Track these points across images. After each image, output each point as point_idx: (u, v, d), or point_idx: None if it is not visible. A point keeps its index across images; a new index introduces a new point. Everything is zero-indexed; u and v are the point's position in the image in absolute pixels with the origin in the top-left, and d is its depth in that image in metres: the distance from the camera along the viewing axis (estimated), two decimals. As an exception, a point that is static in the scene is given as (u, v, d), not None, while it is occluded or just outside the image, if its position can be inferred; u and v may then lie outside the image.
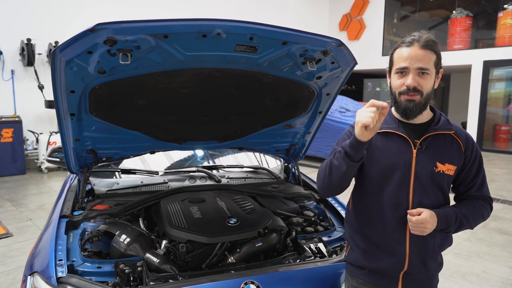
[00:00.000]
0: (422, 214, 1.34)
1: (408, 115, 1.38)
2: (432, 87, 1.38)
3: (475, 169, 1.47)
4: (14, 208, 5.11)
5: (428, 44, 1.34)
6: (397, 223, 1.41)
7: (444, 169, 1.40)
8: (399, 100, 1.38)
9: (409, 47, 1.35)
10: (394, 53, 1.41)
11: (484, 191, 1.51)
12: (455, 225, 1.40)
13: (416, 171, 1.39)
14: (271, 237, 1.97)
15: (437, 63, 1.37)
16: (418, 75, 1.34)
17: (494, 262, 3.64)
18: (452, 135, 1.44)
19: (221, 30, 1.57)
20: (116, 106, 2.04)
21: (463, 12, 11.16)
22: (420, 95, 1.35)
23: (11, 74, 7.28)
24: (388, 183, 1.41)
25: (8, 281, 3.16)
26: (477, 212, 1.47)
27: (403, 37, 1.39)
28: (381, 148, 1.43)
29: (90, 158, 2.30)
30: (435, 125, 1.43)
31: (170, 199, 2.21)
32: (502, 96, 11.11)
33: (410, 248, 1.42)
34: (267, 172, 2.88)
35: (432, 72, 1.36)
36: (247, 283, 1.56)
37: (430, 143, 1.41)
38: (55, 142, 7.03)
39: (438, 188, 1.42)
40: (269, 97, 2.23)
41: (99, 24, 1.44)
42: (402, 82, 1.35)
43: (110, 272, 1.67)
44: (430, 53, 1.34)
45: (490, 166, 8.53)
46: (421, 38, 1.34)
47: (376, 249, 1.47)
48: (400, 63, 1.35)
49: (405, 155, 1.40)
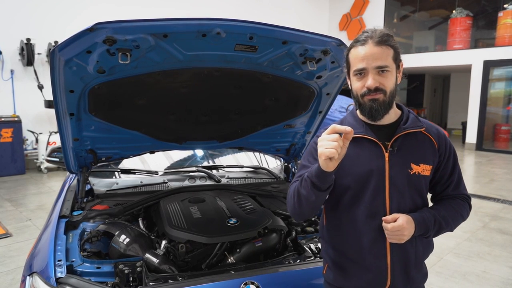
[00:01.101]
0: (398, 220, 1.24)
1: (374, 115, 1.29)
2: (395, 84, 1.30)
3: (451, 166, 1.39)
4: (14, 208, 5.10)
5: (383, 40, 1.25)
6: (376, 235, 1.31)
7: (420, 170, 1.32)
8: (362, 102, 1.29)
9: (363, 46, 1.25)
10: (349, 54, 1.31)
11: (461, 189, 1.42)
12: (434, 228, 1.32)
13: (390, 176, 1.30)
14: (271, 237, 1.97)
15: (395, 57, 1.28)
16: (378, 74, 1.25)
17: (494, 262, 3.64)
18: (423, 132, 1.36)
19: (221, 29, 1.56)
20: (116, 106, 2.04)
21: (463, 12, 11.16)
22: (383, 93, 1.26)
23: (11, 74, 7.27)
24: (363, 192, 1.31)
25: (7, 281, 3.16)
26: (456, 213, 1.38)
27: (357, 35, 1.30)
28: (351, 156, 1.30)
29: (90, 158, 2.29)
30: (404, 124, 1.34)
31: (170, 199, 2.21)
32: (502, 96, 11.10)
33: (392, 261, 1.32)
34: (267, 172, 2.88)
35: (392, 68, 1.27)
36: (247, 283, 1.55)
37: (401, 144, 1.32)
38: (54, 142, 7.03)
39: (415, 191, 1.33)
40: (269, 97, 2.22)
41: (98, 24, 1.43)
42: (362, 84, 1.27)
43: (110, 272, 1.66)
44: (386, 49, 1.25)
45: (490, 166, 8.53)
46: (374, 34, 1.25)
47: (355, 265, 1.36)
48: (357, 65, 1.27)
49: (377, 160, 1.31)
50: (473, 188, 6.60)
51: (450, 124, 15.48)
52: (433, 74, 16.18)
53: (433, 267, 3.50)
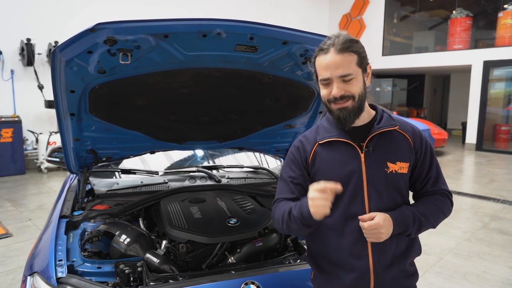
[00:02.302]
0: (375, 219, 1.24)
1: (343, 123, 1.30)
2: (363, 87, 1.30)
3: (428, 162, 1.39)
4: (14, 208, 5.10)
5: (345, 47, 1.24)
6: (356, 236, 1.31)
7: (396, 168, 1.32)
8: (331, 108, 1.31)
9: (326, 54, 1.25)
10: (315, 62, 1.31)
11: (440, 185, 1.42)
12: (414, 226, 1.30)
13: (368, 177, 1.31)
14: (271, 237, 1.97)
15: (360, 62, 1.27)
16: (342, 82, 1.25)
17: (494, 262, 3.64)
18: (398, 130, 1.36)
19: (222, 30, 1.56)
20: (116, 106, 2.04)
21: (463, 12, 11.17)
22: (351, 99, 1.27)
23: (11, 74, 7.27)
24: (342, 194, 1.28)
25: (7, 281, 3.16)
26: (437, 209, 1.37)
27: (321, 43, 1.29)
28: (327, 159, 1.34)
29: (90, 158, 2.30)
30: (378, 124, 1.34)
31: (170, 199, 2.21)
32: (502, 96, 11.11)
33: (374, 261, 1.32)
34: (267, 172, 2.88)
35: (358, 73, 1.27)
36: (247, 283, 1.55)
37: (376, 143, 1.33)
38: (54, 142, 7.03)
39: (394, 190, 1.33)
40: (270, 97, 2.23)
41: (99, 24, 1.43)
42: (329, 91, 1.28)
43: (110, 272, 1.66)
44: (349, 55, 1.24)
45: (490, 166, 8.53)
46: (336, 41, 1.25)
47: (338, 268, 1.36)
48: (322, 74, 1.28)
49: (353, 162, 1.31)
50: (473, 188, 6.60)
51: (450, 124, 15.49)
52: (433, 74, 16.19)
53: (433, 267, 3.50)
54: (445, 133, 10.10)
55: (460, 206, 5.42)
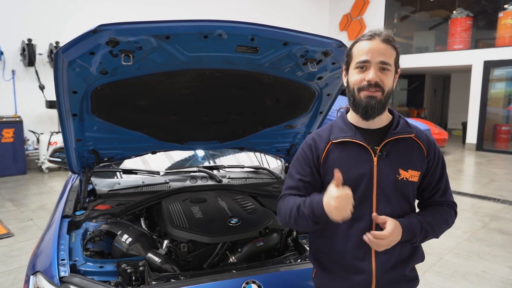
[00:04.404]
0: (386, 227, 1.24)
1: (369, 113, 1.28)
2: (392, 86, 1.30)
3: (439, 173, 1.39)
4: (15, 208, 5.11)
5: (389, 39, 1.27)
6: (361, 238, 1.30)
7: (408, 176, 1.31)
8: (358, 97, 1.28)
9: (370, 41, 1.26)
10: (353, 48, 1.31)
11: (447, 196, 1.42)
12: (420, 235, 1.31)
13: (378, 181, 1.30)
14: (272, 237, 1.98)
15: (397, 60, 1.30)
16: (380, 70, 1.25)
17: (494, 262, 3.65)
18: (413, 138, 1.35)
19: (222, 31, 1.58)
20: (118, 107, 2.05)
21: (463, 12, 11.17)
22: (381, 91, 1.26)
23: (12, 74, 7.29)
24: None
25: (9, 280, 3.17)
26: (442, 219, 1.38)
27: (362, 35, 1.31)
28: (339, 160, 1.32)
29: (92, 158, 2.31)
30: (394, 129, 1.33)
31: (172, 199, 2.22)
32: (502, 96, 11.12)
33: (377, 264, 1.32)
34: (268, 172, 2.89)
35: (393, 69, 1.28)
36: (248, 282, 1.56)
37: (390, 149, 1.32)
38: (56, 142, 7.05)
39: (402, 197, 1.33)
40: (270, 98, 2.24)
41: (101, 25, 1.45)
42: (363, 77, 1.26)
43: (112, 271, 1.67)
44: (391, 49, 1.27)
45: (490, 166, 8.54)
46: (381, 33, 1.27)
47: (341, 268, 1.36)
48: (360, 57, 1.26)
49: (365, 164, 1.30)
50: (473, 188, 6.61)
51: (450, 125, 15.49)
52: (434, 75, 16.18)
53: (433, 267, 3.51)
54: (446, 133, 10.12)
55: (460, 206, 5.42)
